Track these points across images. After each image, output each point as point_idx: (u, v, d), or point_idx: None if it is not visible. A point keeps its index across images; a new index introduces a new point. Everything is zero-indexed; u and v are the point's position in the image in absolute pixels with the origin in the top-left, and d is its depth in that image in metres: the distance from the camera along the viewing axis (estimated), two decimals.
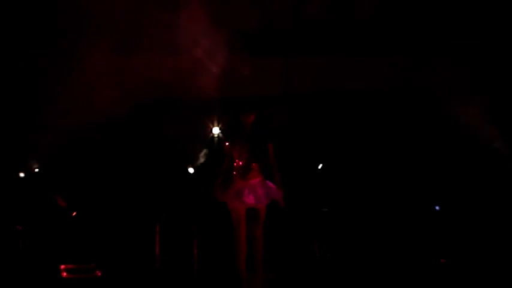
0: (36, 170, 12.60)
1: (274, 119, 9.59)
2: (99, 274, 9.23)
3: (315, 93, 12.88)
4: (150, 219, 11.30)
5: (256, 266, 8.54)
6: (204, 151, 12.56)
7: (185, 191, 12.22)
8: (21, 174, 12.48)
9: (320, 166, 12.55)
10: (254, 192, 8.45)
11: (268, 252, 8.97)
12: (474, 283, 8.98)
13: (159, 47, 11.78)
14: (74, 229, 11.25)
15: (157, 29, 11.57)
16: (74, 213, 11.56)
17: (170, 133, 12.23)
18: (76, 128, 11.75)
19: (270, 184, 8.54)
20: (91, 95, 11.68)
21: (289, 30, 12.46)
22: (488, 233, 10.91)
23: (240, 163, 8.47)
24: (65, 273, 9.19)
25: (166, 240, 10.97)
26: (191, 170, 12.64)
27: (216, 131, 12.79)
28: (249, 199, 8.44)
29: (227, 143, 8.54)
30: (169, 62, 11.79)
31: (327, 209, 11.86)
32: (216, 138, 12.76)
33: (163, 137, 12.44)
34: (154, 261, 10.56)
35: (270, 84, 12.61)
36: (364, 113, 12.83)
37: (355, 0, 12.65)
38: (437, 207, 11.65)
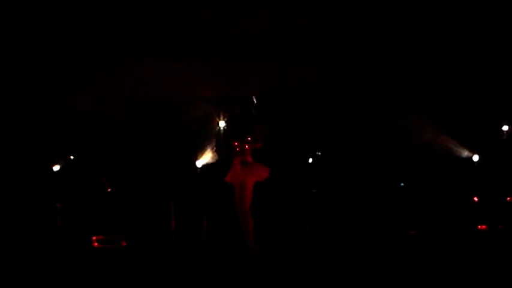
0: (71, 157, 13.24)
1: (269, 114, 10.11)
2: (124, 244, 10.09)
3: (307, 91, 13.36)
4: (166, 199, 11.91)
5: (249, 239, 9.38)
6: (212, 142, 12.90)
7: (196, 176, 12.79)
8: (57, 166, 12.94)
9: (319, 153, 13.17)
10: (246, 169, 9.33)
11: (264, 228, 9.93)
12: (438, 250, 10.01)
13: (166, 51, 12.16)
14: (104, 207, 11.84)
15: (162, 33, 12.01)
16: (109, 190, 12.34)
17: (182, 126, 12.76)
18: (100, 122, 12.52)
19: (260, 165, 9.45)
20: (106, 93, 12.22)
21: (284, 35, 12.87)
22: (448, 208, 12.07)
23: (237, 146, 9.40)
24: (96, 243, 10.08)
25: (180, 216, 11.57)
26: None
27: (222, 124, 12.98)
28: (242, 175, 9.34)
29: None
30: (175, 63, 12.22)
31: (316, 190, 12.61)
32: (222, 131, 12.86)
33: (175, 129, 12.92)
34: (170, 234, 11.28)
35: (266, 83, 12.84)
36: (351, 108, 13.40)
37: (340, 11, 12.96)
38: (402, 184, 12.65)
